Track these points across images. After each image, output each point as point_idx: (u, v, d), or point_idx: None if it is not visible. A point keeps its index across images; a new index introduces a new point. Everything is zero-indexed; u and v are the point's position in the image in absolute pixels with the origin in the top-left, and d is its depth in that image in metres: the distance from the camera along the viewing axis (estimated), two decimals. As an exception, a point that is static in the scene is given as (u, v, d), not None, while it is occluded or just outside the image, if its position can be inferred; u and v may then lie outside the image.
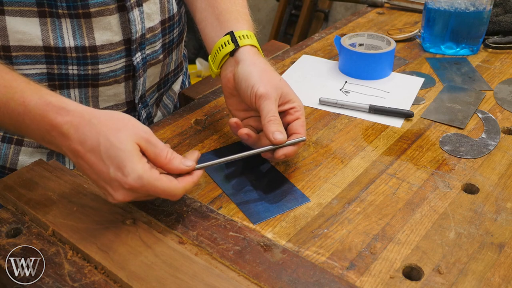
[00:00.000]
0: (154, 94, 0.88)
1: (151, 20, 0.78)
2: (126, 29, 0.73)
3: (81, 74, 0.73)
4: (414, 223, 0.59)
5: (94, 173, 0.55)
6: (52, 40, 0.69)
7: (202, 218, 0.60)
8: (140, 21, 0.75)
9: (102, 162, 0.53)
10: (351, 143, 0.74)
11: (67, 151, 0.56)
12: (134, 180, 0.53)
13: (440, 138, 0.75)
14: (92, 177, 0.56)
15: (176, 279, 0.51)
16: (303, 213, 0.61)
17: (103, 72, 0.74)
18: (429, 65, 0.96)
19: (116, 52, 0.74)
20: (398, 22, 1.13)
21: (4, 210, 0.61)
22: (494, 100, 0.84)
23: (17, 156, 0.77)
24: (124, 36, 0.74)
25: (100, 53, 0.72)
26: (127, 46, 0.75)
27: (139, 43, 0.76)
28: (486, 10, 0.94)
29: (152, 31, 0.78)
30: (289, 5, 2.58)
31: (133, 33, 0.74)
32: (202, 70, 2.65)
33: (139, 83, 0.80)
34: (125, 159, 0.53)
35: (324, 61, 0.98)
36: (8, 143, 0.76)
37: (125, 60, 0.76)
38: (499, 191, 0.64)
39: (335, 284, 0.51)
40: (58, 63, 0.71)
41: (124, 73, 0.77)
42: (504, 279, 0.52)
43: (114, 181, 0.53)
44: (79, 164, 0.56)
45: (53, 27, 0.69)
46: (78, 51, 0.71)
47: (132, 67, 0.77)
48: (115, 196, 0.54)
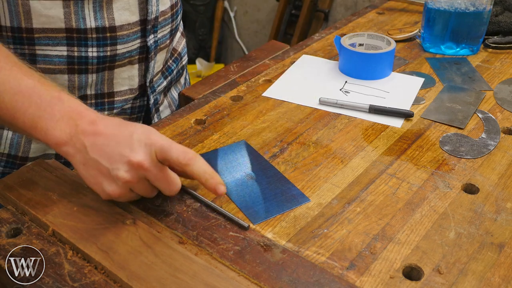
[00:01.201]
0: (162, 82, 0.90)
1: (163, 3, 0.82)
2: (143, 9, 0.77)
3: (100, 56, 0.76)
4: (414, 223, 0.59)
5: (112, 145, 0.56)
6: (74, 22, 0.72)
7: (202, 218, 0.60)
8: (156, 2, 0.79)
9: (127, 130, 0.57)
10: (351, 143, 0.74)
11: (84, 137, 0.57)
12: (158, 136, 0.57)
13: (440, 138, 0.75)
14: (108, 154, 0.56)
15: (176, 279, 0.51)
16: (303, 213, 0.61)
17: (120, 53, 0.77)
18: (429, 65, 0.96)
19: (133, 33, 0.77)
20: (398, 22, 1.13)
21: (4, 210, 0.61)
22: (494, 100, 0.84)
23: (29, 144, 0.79)
24: (141, 17, 0.78)
25: (119, 34, 0.76)
26: (143, 27, 0.79)
27: (152, 25, 0.80)
28: (486, 10, 0.94)
29: (164, 14, 0.82)
30: (289, 5, 2.58)
31: (149, 14, 0.78)
32: (202, 70, 2.65)
33: (151, 66, 0.83)
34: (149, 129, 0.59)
35: (324, 61, 0.98)
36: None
37: (140, 41, 0.79)
38: (499, 191, 0.64)
39: (335, 284, 0.51)
40: (78, 45, 0.74)
41: (139, 54, 0.81)
42: (504, 279, 0.52)
43: (135, 141, 0.56)
44: (94, 147, 0.57)
45: (75, 9, 0.71)
46: (98, 31, 0.74)
47: (146, 48, 0.81)
48: (134, 157, 0.55)
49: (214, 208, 0.61)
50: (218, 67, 2.72)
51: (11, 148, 0.79)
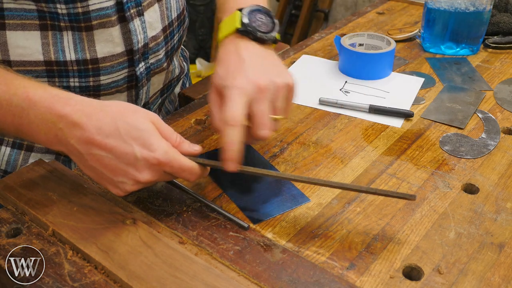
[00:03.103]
0: (158, 100, 0.88)
1: (153, 28, 0.76)
2: (127, 40, 0.72)
3: (82, 86, 0.72)
4: (414, 223, 0.59)
5: (113, 160, 0.53)
6: (53, 54, 0.68)
7: (202, 218, 0.60)
8: (142, 31, 0.74)
9: (125, 143, 0.52)
10: (351, 143, 0.74)
11: (77, 144, 0.53)
12: (162, 155, 0.53)
13: (440, 138, 0.75)
14: (110, 167, 0.53)
15: (176, 279, 0.51)
16: (303, 213, 0.61)
17: (104, 83, 0.73)
18: (429, 65, 0.96)
19: (118, 64, 0.73)
20: (398, 22, 1.13)
21: (4, 210, 0.61)
22: (494, 100, 0.84)
23: (26, 162, 0.76)
24: (126, 47, 0.73)
25: (101, 65, 0.72)
26: (130, 57, 0.74)
27: (142, 53, 0.75)
28: (486, 10, 0.94)
29: (155, 39, 0.77)
30: (289, 5, 2.58)
31: (135, 44, 0.73)
32: (202, 70, 2.65)
33: (141, 93, 0.79)
34: (149, 137, 0.53)
35: (324, 61, 0.98)
36: (19, 149, 0.76)
37: (127, 70, 0.75)
38: (499, 191, 0.64)
39: (335, 284, 0.51)
40: (59, 76, 0.71)
41: (127, 83, 0.76)
42: (504, 279, 0.52)
43: (140, 160, 0.53)
44: (92, 156, 0.53)
45: (54, 40, 0.68)
46: (79, 64, 0.70)
47: (135, 77, 0.76)
48: (140, 177, 0.53)
49: (214, 208, 0.61)
50: (218, 67, 2.71)
51: (8, 165, 0.77)
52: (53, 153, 0.77)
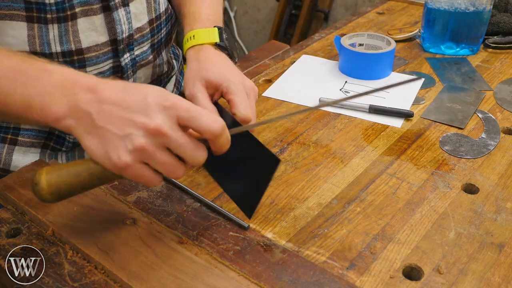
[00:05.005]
0: None
1: (139, 20, 0.78)
2: (112, 29, 0.74)
3: None
4: (414, 223, 0.59)
5: (123, 111, 0.49)
6: (39, 46, 0.69)
7: (202, 218, 0.60)
8: (127, 21, 0.75)
9: (137, 93, 0.49)
10: (351, 143, 0.74)
11: (87, 106, 0.50)
12: (177, 98, 0.49)
13: (440, 138, 0.75)
14: (118, 119, 0.49)
15: (176, 279, 0.51)
16: (303, 213, 0.61)
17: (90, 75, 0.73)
18: (429, 65, 0.96)
19: (103, 54, 0.74)
20: (398, 22, 1.13)
21: (4, 210, 0.61)
22: (494, 100, 0.84)
23: (10, 156, 0.77)
24: (110, 37, 0.74)
25: (86, 56, 0.73)
26: (114, 47, 0.75)
27: (126, 43, 0.76)
28: (486, 10, 0.94)
29: (140, 31, 0.79)
30: (289, 5, 2.58)
31: (119, 33, 0.74)
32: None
33: None
34: (165, 91, 0.50)
35: (324, 61, 0.98)
36: (2, 143, 0.76)
37: (112, 61, 0.76)
38: (499, 191, 0.64)
39: (335, 284, 0.51)
40: None
41: (112, 74, 0.77)
42: (504, 279, 0.52)
43: (151, 104, 0.48)
44: (101, 113, 0.49)
45: (40, 33, 0.69)
46: (64, 55, 0.71)
47: (120, 68, 0.77)
48: (150, 123, 0.47)
49: (214, 208, 0.61)
50: (218, 67, 2.71)
51: None
52: (38, 147, 0.77)
